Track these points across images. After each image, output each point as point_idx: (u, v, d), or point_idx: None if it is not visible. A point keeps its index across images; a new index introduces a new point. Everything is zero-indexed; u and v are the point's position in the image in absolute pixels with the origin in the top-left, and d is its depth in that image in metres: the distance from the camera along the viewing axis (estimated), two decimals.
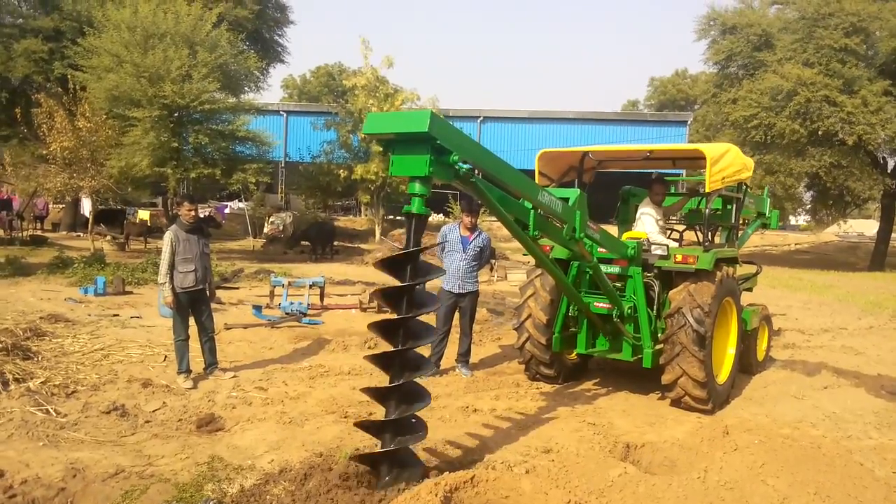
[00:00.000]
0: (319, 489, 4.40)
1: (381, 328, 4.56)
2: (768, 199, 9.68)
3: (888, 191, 26.35)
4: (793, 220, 52.14)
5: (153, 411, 6.31)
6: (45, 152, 20.23)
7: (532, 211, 5.33)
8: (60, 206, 31.74)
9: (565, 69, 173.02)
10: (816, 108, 23.35)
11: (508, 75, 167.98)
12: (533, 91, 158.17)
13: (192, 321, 7.44)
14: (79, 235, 27.07)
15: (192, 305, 7.39)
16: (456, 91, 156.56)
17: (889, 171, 27.44)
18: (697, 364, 6.54)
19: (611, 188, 9.40)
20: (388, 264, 4.50)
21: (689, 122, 42.74)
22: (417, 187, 4.30)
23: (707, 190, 6.81)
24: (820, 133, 23.98)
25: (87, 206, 26.47)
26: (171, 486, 4.61)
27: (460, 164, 4.29)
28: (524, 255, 6.97)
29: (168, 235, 7.27)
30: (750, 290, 9.05)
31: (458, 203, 28.17)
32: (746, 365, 8.30)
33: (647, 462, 5.05)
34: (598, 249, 6.65)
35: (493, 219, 25.34)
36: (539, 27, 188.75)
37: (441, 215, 34.17)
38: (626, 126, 43.58)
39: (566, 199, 5.77)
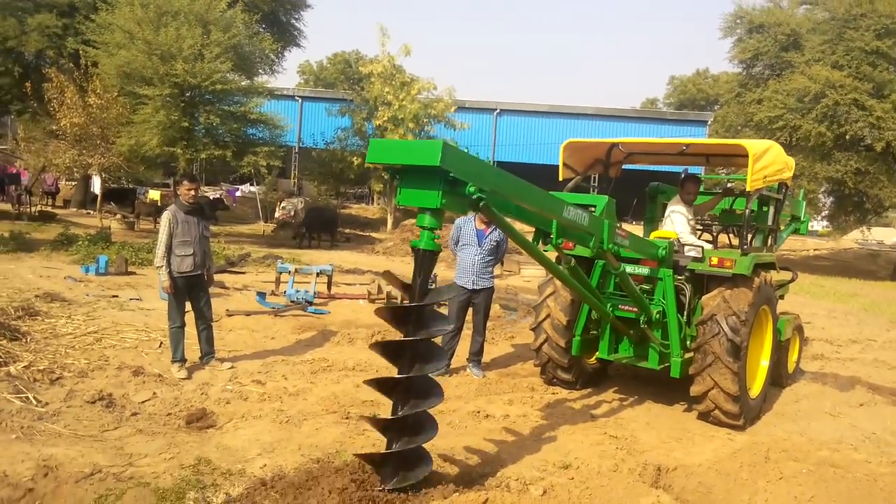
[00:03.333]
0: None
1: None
2: (804, 203, 9.13)
3: None
4: (811, 226, 51.25)
5: (142, 402, 5.89)
6: (55, 128, 19.94)
7: (555, 220, 4.84)
8: (72, 184, 31.48)
9: (584, 64, 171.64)
10: (844, 111, 22.62)
11: (526, 69, 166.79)
12: (550, 85, 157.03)
13: (189, 307, 7.01)
14: (89, 213, 26.75)
15: (190, 291, 6.95)
16: (473, 82, 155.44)
17: None
18: (730, 376, 6.03)
19: (629, 186, 8.85)
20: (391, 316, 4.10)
21: (709, 123, 41.93)
22: (427, 220, 3.85)
23: (749, 189, 6.29)
24: (847, 137, 23.25)
25: (96, 184, 26.16)
26: (150, 491, 4.17)
27: (477, 193, 3.82)
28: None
29: (166, 216, 6.82)
30: (782, 297, 8.53)
31: None
32: (777, 377, 7.78)
33: (679, 487, 4.56)
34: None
35: None
36: (559, 21, 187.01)
37: None
38: (644, 124, 42.79)
39: (592, 207, 5.28)
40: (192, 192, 6.98)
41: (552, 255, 5.50)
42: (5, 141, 34.58)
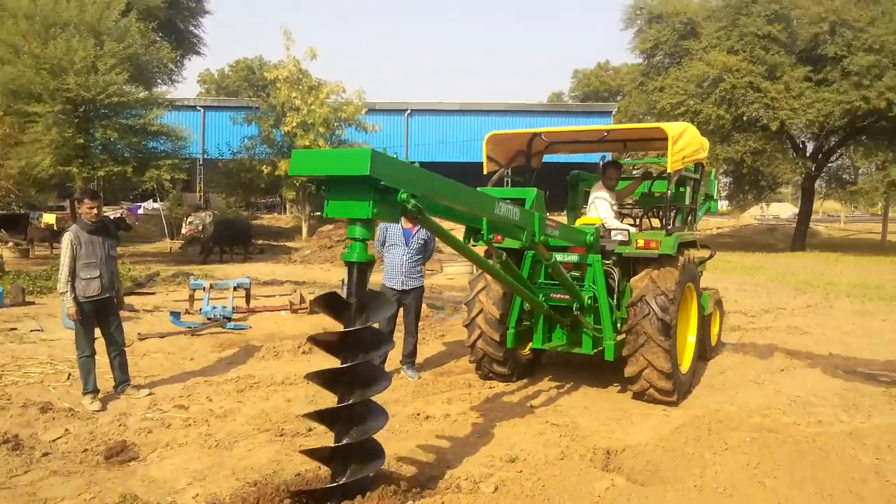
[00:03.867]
0: None
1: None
2: (716, 182, 9.41)
3: (808, 174, 27.11)
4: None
5: (53, 441, 5.39)
6: None
7: (485, 218, 4.75)
8: None
9: (490, 61, 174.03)
10: (741, 94, 23.65)
11: (434, 68, 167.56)
12: (460, 84, 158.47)
13: (98, 333, 6.51)
14: None
15: (98, 316, 6.45)
16: (382, 85, 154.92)
17: (808, 154, 28.25)
18: (663, 354, 6.11)
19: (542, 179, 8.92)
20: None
21: (613, 113, 43.21)
22: (358, 231, 3.66)
23: (669, 170, 6.40)
24: (745, 119, 24.36)
25: None
26: None
27: (409, 200, 3.68)
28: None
29: (67, 237, 6.30)
30: (700, 274, 8.76)
31: None
32: (702, 351, 7.96)
33: (628, 468, 4.52)
34: None
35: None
36: (464, 18, 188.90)
37: None
38: (553, 117, 43.70)
39: (523, 201, 5.22)
40: (95, 211, 6.47)
41: (480, 250, 5.42)
42: None
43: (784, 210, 54.08)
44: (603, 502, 3.74)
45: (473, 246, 5.07)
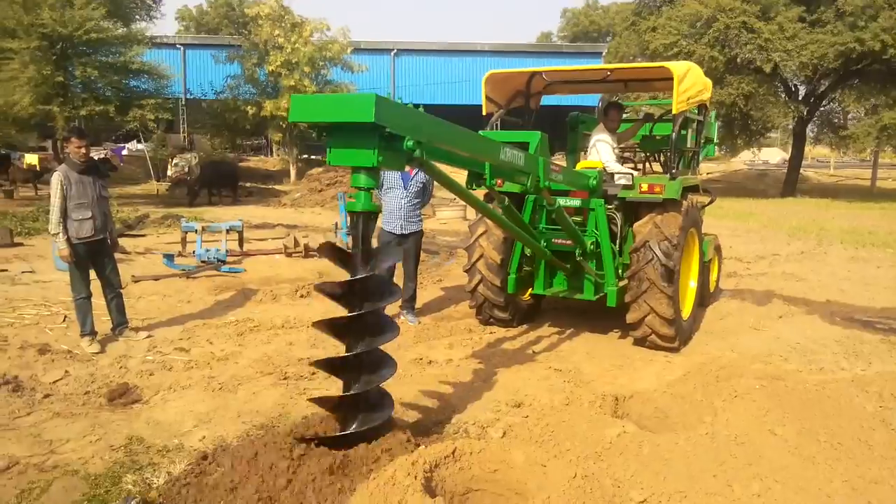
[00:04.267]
0: (270, 471, 3.64)
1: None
2: (716, 125, 9.27)
3: (800, 118, 26.95)
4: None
5: (54, 383, 5.34)
6: None
7: (489, 163, 4.62)
8: None
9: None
10: (735, 34, 23.29)
11: (420, 7, 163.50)
12: (445, 23, 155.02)
13: (93, 275, 6.39)
14: None
15: (93, 258, 6.32)
16: (366, 23, 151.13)
17: (800, 98, 28.03)
18: (666, 300, 6.09)
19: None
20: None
21: (603, 54, 42.48)
22: (363, 179, 3.52)
23: (674, 111, 6.23)
24: (738, 61, 24.03)
25: None
26: (80, 479, 3.77)
27: (416, 147, 3.56)
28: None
29: (56, 177, 6.11)
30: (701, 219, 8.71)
31: None
32: (701, 297, 7.98)
33: (637, 415, 4.53)
34: None
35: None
36: None
37: None
38: (542, 58, 42.77)
39: (527, 145, 5.08)
40: (83, 150, 6.26)
41: (479, 194, 5.31)
42: None
43: (774, 155, 53.99)
44: (615, 448, 3.74)
45: (473, 191, 4.97)
